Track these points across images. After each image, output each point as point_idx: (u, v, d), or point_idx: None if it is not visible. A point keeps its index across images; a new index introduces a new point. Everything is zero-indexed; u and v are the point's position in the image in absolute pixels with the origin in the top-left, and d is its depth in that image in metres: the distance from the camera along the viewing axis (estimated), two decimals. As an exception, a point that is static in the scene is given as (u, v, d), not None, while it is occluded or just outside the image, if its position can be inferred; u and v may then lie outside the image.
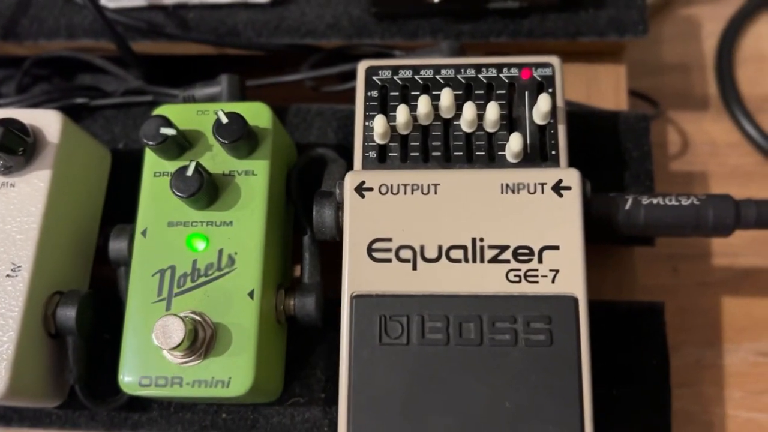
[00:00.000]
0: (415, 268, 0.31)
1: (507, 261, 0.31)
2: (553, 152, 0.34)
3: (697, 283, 0.46)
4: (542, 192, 0.32)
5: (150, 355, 0.33)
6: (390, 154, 0.35)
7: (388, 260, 0.31)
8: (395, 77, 0.36)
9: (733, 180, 0.49)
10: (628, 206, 0.33)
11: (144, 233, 0.35)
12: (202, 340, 0.33)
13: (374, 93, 0.36)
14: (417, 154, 0.35)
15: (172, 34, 0.45)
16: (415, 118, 0.35)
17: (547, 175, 0.32)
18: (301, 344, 0.38)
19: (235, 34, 0.45)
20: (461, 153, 0.34)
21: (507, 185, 0.32)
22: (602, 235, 0.34)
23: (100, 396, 0.37)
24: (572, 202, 0.31)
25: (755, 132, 0.49)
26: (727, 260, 0.46)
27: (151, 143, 0.35)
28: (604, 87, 0.46)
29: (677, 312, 0.45)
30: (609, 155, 0.41)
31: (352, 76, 0.39)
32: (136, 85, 0.44)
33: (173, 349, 0.31)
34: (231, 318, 0.33)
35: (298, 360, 0.38)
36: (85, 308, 0.35)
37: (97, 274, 0.39)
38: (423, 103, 0.34)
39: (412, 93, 0.36)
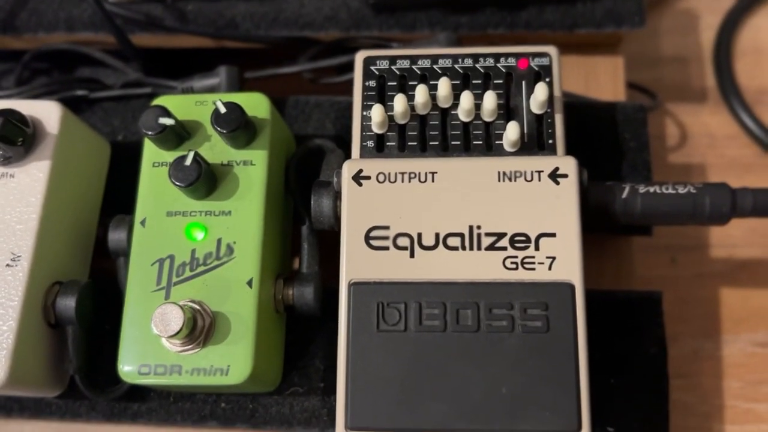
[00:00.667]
0: (412, 255, 0.31)
1: (504, 248, 0.31)
2: (550, 141, 0.34)
3: (695, 274, 0.46)
4: (539, 180, 0.32)
5: (149, 344, 0.33)
6: (388, 143, 0.35)
7: (386, 248, 0.32)
8: (393, 67, 0.36)
9: (731, 172, 0.49)
10: (625, 194, 0.33)
11: (143, 223, 0.35)
12: (201, 328, 0.33)
13: (372, 83, 0.36)
14: (415, 143, 0.35)
15: (170, 26, 0.45)
16: (412, 108, 0.35)
17: (544, 163, 0.32)
18: (300, 334, 0.38)
19: (233, 26, 0.45)
20: (459, 142, 0.34)
21: (504, 173, 0.32)
22: (599, 224, 0.34)
23: (100, 386, 0.37)
24: (569, 190, 0.31)
25: (753, 124, 0.49)
26: (725, 251, 0.47)
27: (149, 133, 0.35)
28: (602, 79, 0.46)
29: (675, 303, 0.45)
30: (606, 146, 0.41)
31: (350, 67, 0.39)
32: (135, 78, 0.44)
33: (172, 337, 0.31)
34: (229, 306, 0.34)
35: (297, 350, 0.38)
36: (84, 298, 0.36)
37: (98, 265, 0.39)
38: (420, 93, 0.34)
39: (410, 83, 0.36)
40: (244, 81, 0.42)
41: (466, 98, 0.34)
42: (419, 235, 0.32)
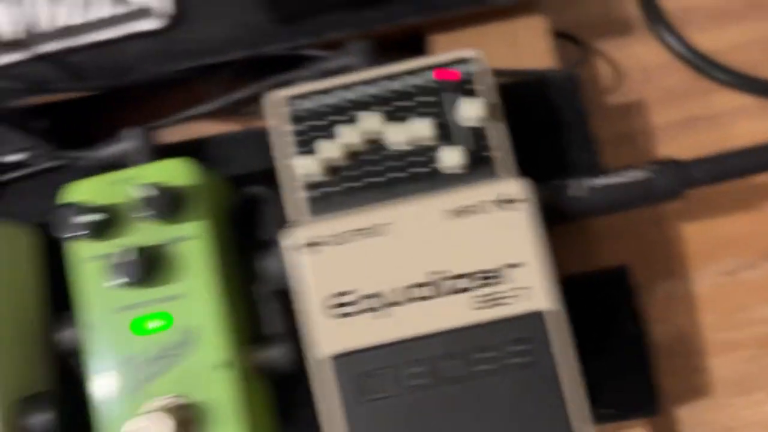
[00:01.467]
0: (382, 315, 0.30)
1: (471, 289, 0.30)
2: (497, 154, 0.32)
3: (652, 216, 0.46)
4: (490, 210, 0.31)
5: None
6: (326, 189, 0.33)
7: (354, 313, 0.30)
8: (308, 106, 0.34)
9: (672, 104, 0.48)
10: (573, 192, 0.33)
11: (92, 326, 0.33)
12: (183, 424, 0.32)
13: (294, 128, 0.34)
14: (356, 184, 0.33)
15: (61, 87, 0.41)
16: (344, 148, 0.33)
17: (490, 191, 0.31)
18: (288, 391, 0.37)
19: (129, 69, 0.42)
20: (403, 174, 0.33)
21: (453, 211, 0.31)
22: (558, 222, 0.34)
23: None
24: (522, 214, 0.30)
25: (681, 47, 0.48)
26: (677, 187, 0.46)
27: (68, 236, 0.32)
28: (526, 42, 0.44)
29: (640, 249, 0.45)
30: (544, 126, 0.39)
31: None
32: (43, 151, 0.41)
33: (161, 447, 0.30)
34: (209, 393, 0.32)
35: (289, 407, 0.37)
36: (60, 410, 0.34)
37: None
38: (347, 134, 0.32)
39: (332, 118, 0.34)
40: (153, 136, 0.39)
41: (395, 129, 0.32)
42: (384, 293, 0.30)
